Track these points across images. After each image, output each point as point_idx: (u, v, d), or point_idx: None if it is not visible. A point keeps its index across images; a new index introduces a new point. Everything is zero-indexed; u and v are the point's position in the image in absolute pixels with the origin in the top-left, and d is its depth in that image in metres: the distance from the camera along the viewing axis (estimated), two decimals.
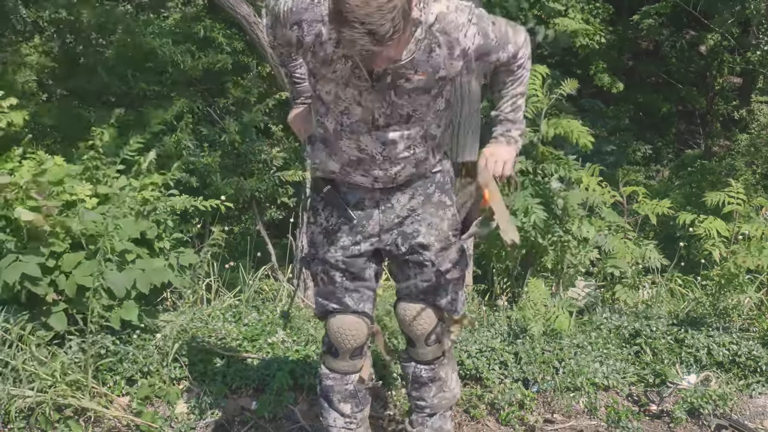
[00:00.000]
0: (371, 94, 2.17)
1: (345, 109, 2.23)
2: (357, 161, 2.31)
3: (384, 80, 2.14)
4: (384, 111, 2.21)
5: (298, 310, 4.15)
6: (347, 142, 2.28)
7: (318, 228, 2.49)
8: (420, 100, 2.21)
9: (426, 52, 2.13)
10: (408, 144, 2.28)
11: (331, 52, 2.13)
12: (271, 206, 7.33)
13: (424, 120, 2.27)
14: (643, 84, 14.94)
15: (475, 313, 4.21)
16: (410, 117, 2.24)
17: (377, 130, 2.24)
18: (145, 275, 3.44)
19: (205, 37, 8.92)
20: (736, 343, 3.79)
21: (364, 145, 2.27)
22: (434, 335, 2.62)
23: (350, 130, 2.25)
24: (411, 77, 2.15)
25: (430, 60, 2.14)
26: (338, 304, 2.53)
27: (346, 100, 2.20)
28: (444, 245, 2.47)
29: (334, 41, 2.10)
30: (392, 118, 2.22)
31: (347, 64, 2.13)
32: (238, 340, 3.71)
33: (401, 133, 2.25)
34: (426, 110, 2.25)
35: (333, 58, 2.13)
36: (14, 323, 3.14)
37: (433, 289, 2.53)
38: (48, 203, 3.24)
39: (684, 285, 4.99)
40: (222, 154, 6.52)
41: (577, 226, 4.50)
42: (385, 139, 2.25)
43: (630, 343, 3.88)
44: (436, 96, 2.24)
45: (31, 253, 3.20)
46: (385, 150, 2.27)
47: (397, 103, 2.19)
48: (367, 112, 2.21)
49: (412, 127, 2.26)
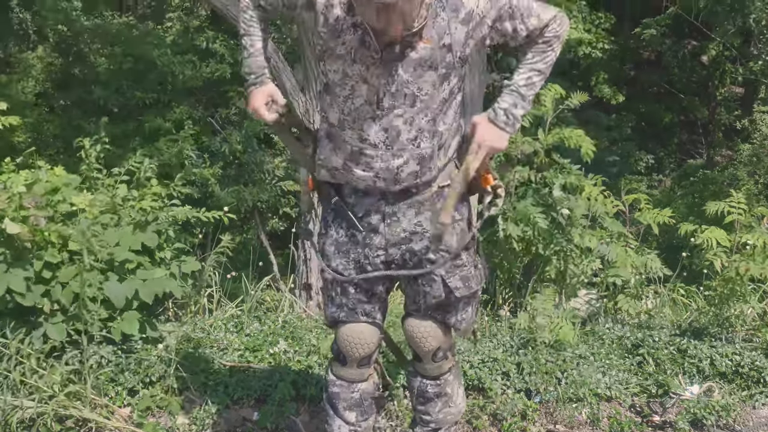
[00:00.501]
0: (378, 68, 2.16)
1: (350, 91, 2.20)
2: (359, 152, 2.25)
3: (392, 50, 2.13)
4: (389, 89, 2.18)
5: (299, 321, 4.14)
6: (350, 132, 2.25)
7: (329, 240, 2.45)
8: (426, 76, 2.18)
9: (431, 17, 2.12)
10: (412, 134, 2.23)
11: (341, 19, 2.13)
12: (273, 216, 7.34)
13: (429, 108, 2.22)
14: (645, 94, 14.95)
15: (477, 323, 4.20)
16: (415, 98, 2.20)
17: (381, 112, 2.20)
18: (147, 285, 3.44)
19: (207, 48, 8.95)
20: (739, 354, 3.77)
21: (366, 134, 2.23)
22: (441, 352, 2.60)
23: (353, 119, 2.23)
24: (416, 45, 2.14)
25: (434, 25, 2.14)
26: (349, 314, 2.52)
27: (353, 77, 2.18)
28: (453, 261, 2.42)
29: (345, 6, 2.12)
30: (397, 99, 2.19)
31: (356, 33, 2.13)
32: (239, 350, 3.71)
33: (405, 118, 2.21)
34: (432, 92, 2.20)
35: (342, 28, 2.14)
36: (12, 336, 3.14)
37: (443, 306, 2.50)
38: (37, 213, 3.22)
39: (686, 295, 4.98)
40: (224, 164, 6.54)
41: (580, 236, 4.49)
42: (388, 124, 2.21)
43: (632, 353, 3.87)
44: (442, 78, 2.21)
45: (18, 266, 3.19)
46: (388, 138, 2.22)
47: (403, 78, 2.17)
48: (372, 91, 2.18)
49: (418, 113, 2.21)
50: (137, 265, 3.47)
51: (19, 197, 3.21)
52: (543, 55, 2.29)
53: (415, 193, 2.35)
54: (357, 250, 2.41)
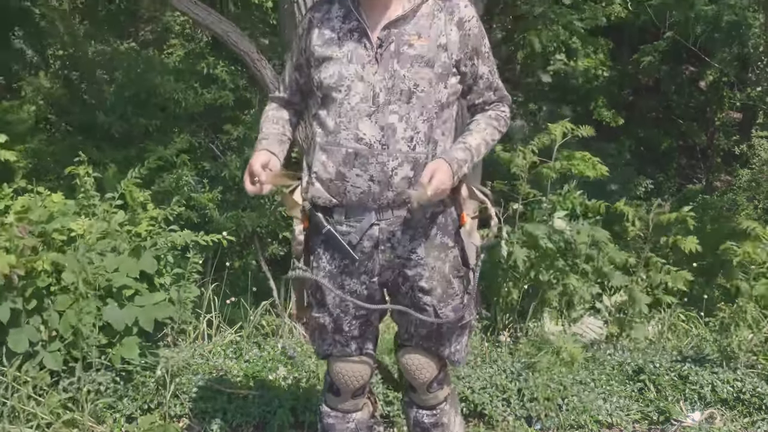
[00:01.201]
0: (374, 66, 2.22)
1: (346, 91, 2.23)
2: (354, 155, 2.24)
3: (388, 46, 2.22)
4: (386, 84, 2.22)
5: (299, 347, 4.12)
6: (345, 134, 2.25)
7: (321, 272, 2.41)
8: (422, 73, 2.23)
9: (429, 18, 2.25)
10: (407, 133, 2.23)
11: (338, 29, 2.27)
12: (273, 241, 7.32)
13: (425, 107, 2.24)
14: (643, 119, 15.00)
15: (477, 349, 4.18)
16: (411, 94, 2.23)
17: (377, 109, 2.22)
18: (146, 311, 3.43)
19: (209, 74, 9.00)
20: (740, 380, 3.76)
21: (362, 133, 2.23)
22: (436, 382, 2.59)
23: (349, 119, 2.24)
24: (414, 42, 2.22)
25: (432, 26, 2.25)
26: (342, 350, 2.50)
27: (349, 77, 2.24)
28: (446, 290, 2.41)
29: (342, 17, 2.27)
30: (393, 93, 2.22)
31: (353, 37, 2.25)
32: (239, 376, 3.69)
33: (400, 114, 2.23)
34: (428, 90, 2.23)
35: (340, 35, 2.27)
36: (9, 364, 3.12)
37: (435, 336, 2.48)
38: (27, 242, 3.19)
39: (687, 320, 4.96)
40: (223, 189, 6.54)
41: (583, 261, 4.49)
42: (384, 121, 2.23)
43: (634, 379, 3.85)
44: (438, 77, 2.24)
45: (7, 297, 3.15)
46: (384, 137, 2.23)
47: (400, 73, 2.22)
48: (368, 88, 2.22)
49: (413, 109, 2.23)
50: (135, 291, 3.46)
51: (10, 226, 3.20)
52: (493, 129, 2.39)
53: (410, 218, 2.33)
54: (352, 281, 2.39)
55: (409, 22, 2.24)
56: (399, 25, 2.24)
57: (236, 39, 4.55)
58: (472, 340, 4.30)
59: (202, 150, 8.10)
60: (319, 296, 2.45)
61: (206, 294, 4.35)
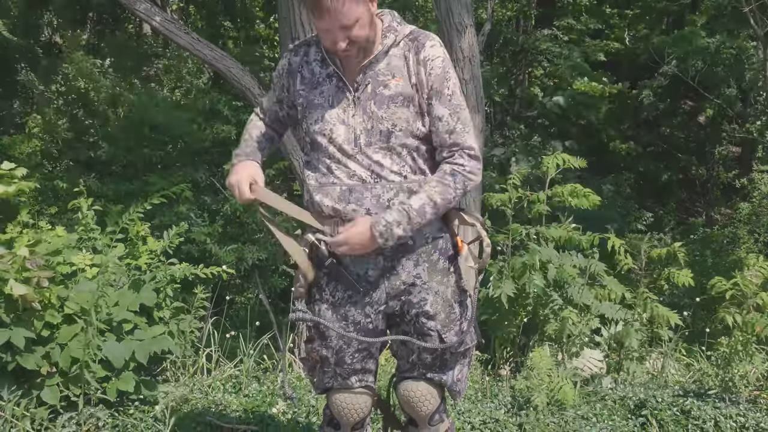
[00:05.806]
0: (353, 109, 2.29)
1: (330, 135, 2.29)
2: (348, 191, 2.28)
3: (364, 89, 2.28)
4: (365, 126, 2.27)
5: (299, 381, 4.10)
6: (337, 173, 2.30)
7: (324, 304, 2.41)
8: (399, 113, 2.27)
9: (401, 59, 2.30)
10: (395, 167, 2.28)
11: (318, 73, 2.34)
12: (273, 274, 7.33)
13: (405, 145, 2.28)
14: (643, 152, 15.10)
15: (477, 383, 4.15)
16: (390, 134, 2.27)
17: (359, 151, 2.28)
18: (144, 345, 3.42)
19: (212, 109, 9.09)
20: (743, 415, 3.72)
21: (353, 171, 2.29)
22: (438, 414, 2.57)
23: (337, 159, 2.30)
24: (389, 83, 2.28)
25: (405, 66, 2.29)
26: (343, 383, 2.49)
27: (331, 120, 2.30)
28: (448, 314, 2.41)
29: (320, 61, 2.34)
30: (372, 135, 2.27)
31: (332, 82, 2.32)
32: (238, 411, 3.66)
33: (383, 153, 2.28)
34: (406, 128, 2.28)
35: (319, 80, 2.34)
36: (8, 399, 3.11)
37: (438, 364, 2.48)
38: (41, 274, 3.21)
39: (688, 354, 4.94)
40: (224, 223, 6.57)
41: (578, 295, 4.49)
42: (369, 161, 2.28)
43: (635, 414, 3.81)
44: (415, 116, 2.29)
45: (21, 326, 3.15)
46: (373, 173, 2.28)
47: (377, 114, 2.27)
48: (350, 131, 2.28)
49: (395, 147, 2.28)
50: (134, 325, 3.46)
51: (23, 260, 3.21)
52: (444, 186, 2.29)
53: (411, 245, 2.34)
54: (356, 311, 2.39)
55: (382, 62, 2.30)
56: (373, 66, 2.30)
57: (238, 74, 4.61)
58: (473, 374, 4.28)
59: (204, 185, 8.15)
60: (322, 328, 2.44)
61: (206, 327, 4.34)
